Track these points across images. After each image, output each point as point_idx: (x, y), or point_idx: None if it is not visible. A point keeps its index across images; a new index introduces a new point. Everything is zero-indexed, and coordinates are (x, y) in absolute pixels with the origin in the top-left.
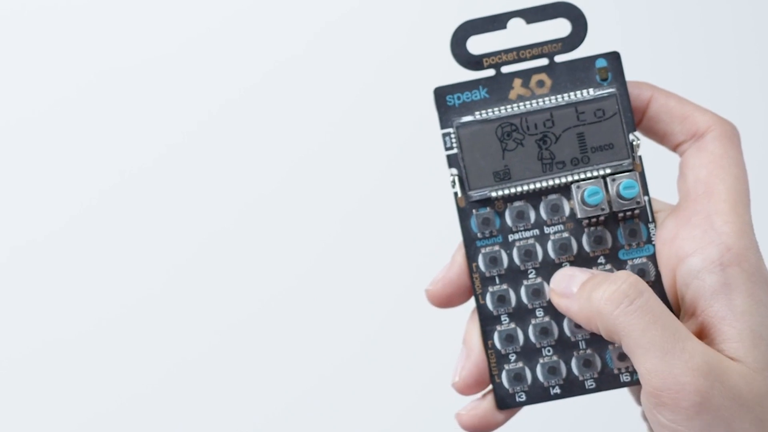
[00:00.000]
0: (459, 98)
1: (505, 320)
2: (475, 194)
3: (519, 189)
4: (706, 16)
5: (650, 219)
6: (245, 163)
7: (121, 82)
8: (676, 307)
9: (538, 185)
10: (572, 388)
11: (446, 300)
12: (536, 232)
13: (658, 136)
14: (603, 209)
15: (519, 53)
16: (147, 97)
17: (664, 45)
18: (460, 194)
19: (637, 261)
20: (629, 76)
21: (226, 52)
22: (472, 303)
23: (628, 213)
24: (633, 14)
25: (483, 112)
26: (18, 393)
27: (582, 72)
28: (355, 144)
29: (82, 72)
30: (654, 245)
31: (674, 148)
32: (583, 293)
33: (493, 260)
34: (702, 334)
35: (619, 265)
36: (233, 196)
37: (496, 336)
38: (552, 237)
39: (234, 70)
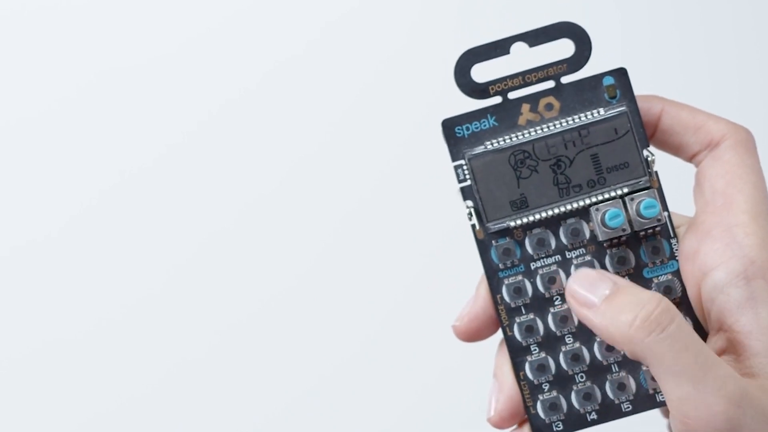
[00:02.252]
0: (468, 129)
1: (535, 350)
2: (494, 225)
3: (537, 216)
4: (709, 22)
5: (672, 234)
6: (245, 163)
7: (121, 82)
8: (703, 322)
9: (556, 211)
10: (609, 412)
11: (474, 334)
12: (558, 257)
13: (673, 148)
14: (624, 230)
15: (525, 77)
16: (147, 97)
17: (670, 55)
18: (478, 226)
19: (662, 278)
20: (638, 90)
21: (226, 53)
22: (498, 334)
23: (650, 231)
24: (636, 28)
25: (494, 141)
26: (18, 393)
27: (590, 91)
28: (355, 144)
29: (82, 72)
30: (678, 261)
31: (690, 159)
32: (608, 311)
33: (518, 290)
34: (729, 349)
35: (645, 283)
36: (233, 196)
37: (527, 367)
38: (574, 261)
39: (234, 70)
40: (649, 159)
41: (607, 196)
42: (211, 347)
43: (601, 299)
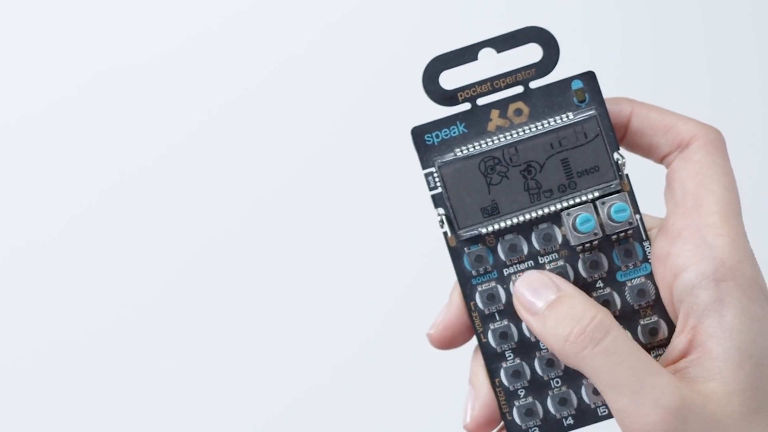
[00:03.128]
0: (437, 136)
1: (510, 356)
2: (465, 233)
3: (509, 222)
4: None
5: (644, 237)
6: (245, 163)
7: (121, 82)
8: (675, 323)
9: (527, 216)
10: (585, 416)
11: (448, 342)
12: (531, 263)
13: (643, 150)
14: (596, 234)
15: (493, 83)
16: (147, 97)
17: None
18: (450, 234)
19: (635, 281)
20: (606, 93)
21: (226, 53)
22: (473, 341)
23: (622, 234)
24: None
25: (464, 148)
26: (18, 393)
27: (558, 96)
28: (355, 144)
29: (82, 72)
30: (651, 263)
31: (660, 160)
32: (548, 321)
33: (491, 297)
34: (691, 350)
35: (618, 287)
36: (233, 196)
37: (502, 373)
38: (547, 266)
39: (234, 71)
40: (619, 162)
41: (578, 200)
42: (211, 347)
43: (545, 305)
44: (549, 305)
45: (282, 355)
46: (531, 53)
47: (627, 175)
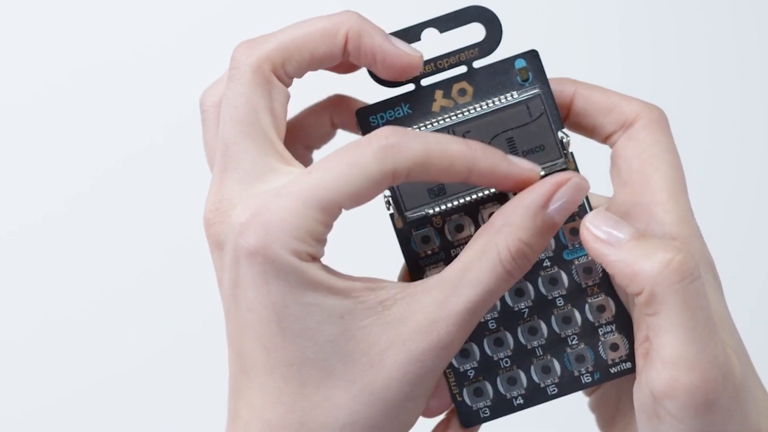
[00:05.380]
0: (382, 117)
1: None
2: (412, 214)
3: (455, 203)
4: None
5: None
6: None
7: (114, 76)
8: (625, 303)
9: (474, 196)
10: (535, 396)
11: None
12: None
13: (587, 130)
14: None
15: (436, 64)
16: (143, 93)
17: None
18: (396, 215)
19: (582, 260)
20: (550, 73)
21: (222, 48)
22: None
23: None
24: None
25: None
26: (8, 388)
27: (502, 75)
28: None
29: (77, 68)
30: None
31: (604, 140)
32: (638, 248)
33: None
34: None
35: (566, 265)
36: None
37: None
38: None
39: (226, 65)
40: (564, 140)
41: None
42: (210, 347)
43: (630, 236)
44: (635, 237)
45: None
46: (474, 33)
47: (572, 153)
